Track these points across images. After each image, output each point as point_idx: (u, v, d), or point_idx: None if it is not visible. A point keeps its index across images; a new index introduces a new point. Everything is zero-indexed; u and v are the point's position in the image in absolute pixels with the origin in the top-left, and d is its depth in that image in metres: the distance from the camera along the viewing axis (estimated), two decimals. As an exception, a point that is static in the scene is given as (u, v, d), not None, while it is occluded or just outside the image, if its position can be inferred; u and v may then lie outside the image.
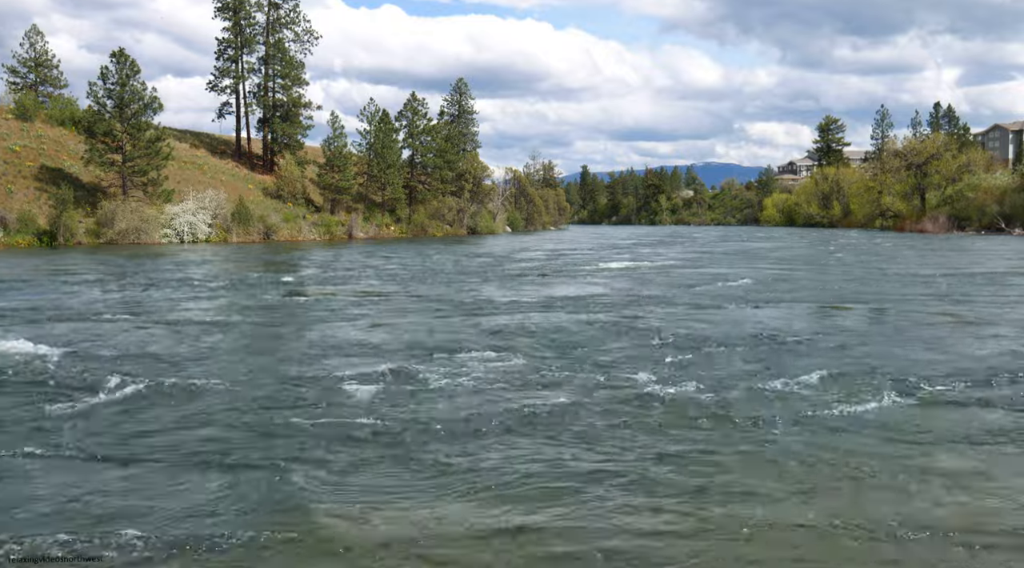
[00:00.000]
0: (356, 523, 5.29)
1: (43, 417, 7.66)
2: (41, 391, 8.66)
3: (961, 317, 14.46)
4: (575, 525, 5.22)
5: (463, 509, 5.49)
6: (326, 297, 18.16)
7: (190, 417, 7.69)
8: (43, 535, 5.03)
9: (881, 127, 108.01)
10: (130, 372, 9.50)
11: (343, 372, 9.56)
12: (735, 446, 6.78)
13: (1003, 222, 61.68)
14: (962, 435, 7.08)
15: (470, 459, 6.47)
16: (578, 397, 8.35)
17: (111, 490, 5.85)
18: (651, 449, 6.69)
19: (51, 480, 6.06)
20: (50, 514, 5.41)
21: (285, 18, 65.60)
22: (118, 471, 6.24)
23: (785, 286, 20.51)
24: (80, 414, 7.78)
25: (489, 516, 5.36)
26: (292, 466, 6.30)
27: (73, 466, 6.34)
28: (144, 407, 8.07)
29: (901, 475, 6.11)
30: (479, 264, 30.09)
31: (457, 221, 70.33)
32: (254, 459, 6.49)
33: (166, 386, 8.81)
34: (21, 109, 51.34)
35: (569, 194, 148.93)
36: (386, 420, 7.52)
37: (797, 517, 5.33)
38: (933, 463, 6.41)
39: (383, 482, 6.00)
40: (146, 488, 5.87)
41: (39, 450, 6.66)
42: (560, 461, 6.40)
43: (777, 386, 8.73)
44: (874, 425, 7.37)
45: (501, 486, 5.87)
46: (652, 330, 12.66)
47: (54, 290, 19.14)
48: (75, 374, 9.44)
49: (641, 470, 6.20)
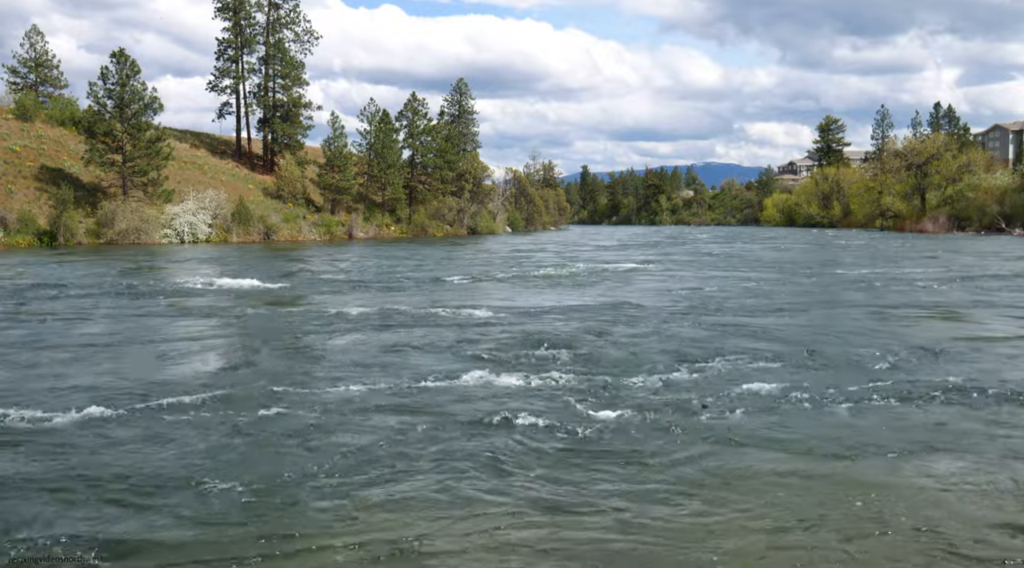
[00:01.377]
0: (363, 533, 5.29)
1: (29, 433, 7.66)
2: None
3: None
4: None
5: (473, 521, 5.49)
6: (328, 305, 18.14)
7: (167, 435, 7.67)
8: (42, 535, 5.03)
9: (881, 127, 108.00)
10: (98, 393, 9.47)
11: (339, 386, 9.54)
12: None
13: (1003, 222, 61.64)
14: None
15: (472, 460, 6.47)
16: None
17: (112, 490, 5.85)
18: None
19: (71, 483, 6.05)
20: (52, 512, 5.41)
21: (285, 18, 65.60)
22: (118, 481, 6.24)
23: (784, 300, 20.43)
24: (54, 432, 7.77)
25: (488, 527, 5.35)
26: (295, 467, 6.31)
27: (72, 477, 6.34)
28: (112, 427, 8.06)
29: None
30: (478, 271, 30.03)
31: (457, 221, 70.29)
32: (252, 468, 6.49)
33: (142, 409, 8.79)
34: (21, 109, 51.33)
35: (569, 194, 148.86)
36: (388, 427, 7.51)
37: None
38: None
39: (397, 491, 5.99)
40: (147, 487, 5.88)
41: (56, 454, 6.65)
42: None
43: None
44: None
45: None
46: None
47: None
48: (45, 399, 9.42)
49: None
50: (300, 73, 65.34)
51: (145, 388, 8.83)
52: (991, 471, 6.23)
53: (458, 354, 10.85)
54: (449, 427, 7.32)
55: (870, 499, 5.64)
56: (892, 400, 8.25)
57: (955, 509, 5.51)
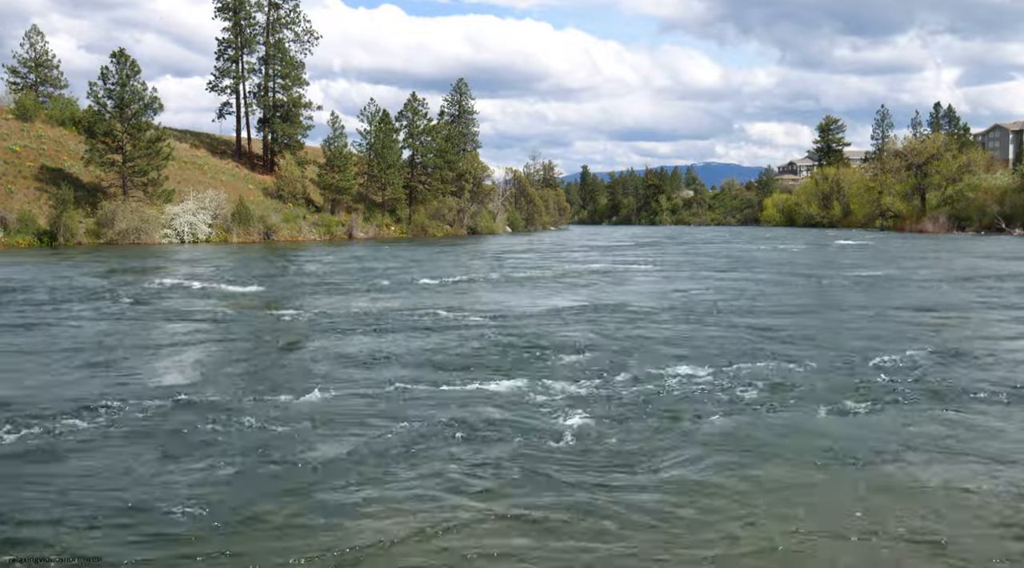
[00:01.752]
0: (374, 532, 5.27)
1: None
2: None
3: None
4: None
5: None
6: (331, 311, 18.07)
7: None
8: (42, 533, 5.01)
9: (881, 127, 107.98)
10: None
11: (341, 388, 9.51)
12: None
13: (1003, 222, 61.63)
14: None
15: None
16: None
17: (117, 491, 5.84)
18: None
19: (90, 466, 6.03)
20: (54, 508, 5.39)
21: (285, 18, 65.60)
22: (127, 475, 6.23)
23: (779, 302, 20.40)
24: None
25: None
26: (299, 469, 6.29)
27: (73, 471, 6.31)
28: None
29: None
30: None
31: (457, 221, 70.28)
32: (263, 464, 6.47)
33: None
34: (21, 109, 51.33)
35: (569, 194, 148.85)
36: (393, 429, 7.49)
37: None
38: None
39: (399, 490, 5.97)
40: (146, 490, 5.87)
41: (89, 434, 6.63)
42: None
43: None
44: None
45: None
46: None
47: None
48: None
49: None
50: (300, 73, 65.36)
51: (105, 397, 8.56)
52: (995, 476, 6.22)
53: (439, 358, 10.80)
54: (426, 434, 7.18)
55: (886, 503, 5.63)
56: (902, 402, 8.25)
57: (958, 511, 5.50)
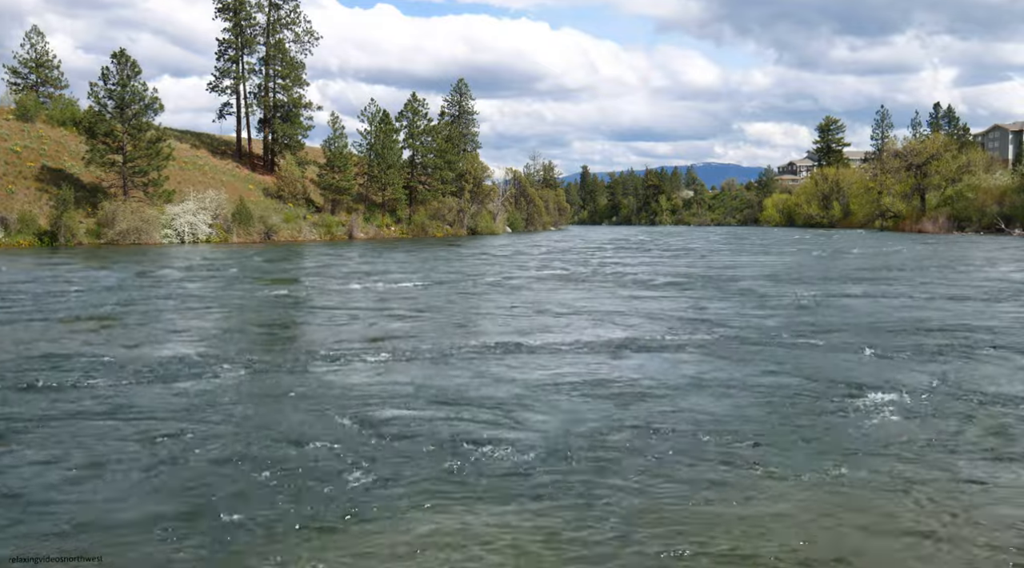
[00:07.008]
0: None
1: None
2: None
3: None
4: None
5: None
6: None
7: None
8: (42, 533, 5.04)
9: (881, 127, 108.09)
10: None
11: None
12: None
13: (1003, 223, 61.62)
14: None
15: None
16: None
17: (118, 493, 5.87)
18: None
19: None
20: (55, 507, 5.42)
21: (285, 19, 65.63)
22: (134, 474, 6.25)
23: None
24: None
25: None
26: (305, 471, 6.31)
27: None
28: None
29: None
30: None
31: (457, 222, 70.30)
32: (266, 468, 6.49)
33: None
34: (22, 110, 51.34)
35: (569, 194, 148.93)
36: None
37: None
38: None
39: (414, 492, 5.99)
40: (147, 489, 5.90)
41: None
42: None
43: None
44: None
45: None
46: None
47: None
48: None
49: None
50: (300, 73, 65.37)
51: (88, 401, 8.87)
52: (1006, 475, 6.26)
53: (429, 362, 10.85)
54: (411, 443, 7.08)
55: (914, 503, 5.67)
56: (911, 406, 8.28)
57: (964, 514, 5.53)
